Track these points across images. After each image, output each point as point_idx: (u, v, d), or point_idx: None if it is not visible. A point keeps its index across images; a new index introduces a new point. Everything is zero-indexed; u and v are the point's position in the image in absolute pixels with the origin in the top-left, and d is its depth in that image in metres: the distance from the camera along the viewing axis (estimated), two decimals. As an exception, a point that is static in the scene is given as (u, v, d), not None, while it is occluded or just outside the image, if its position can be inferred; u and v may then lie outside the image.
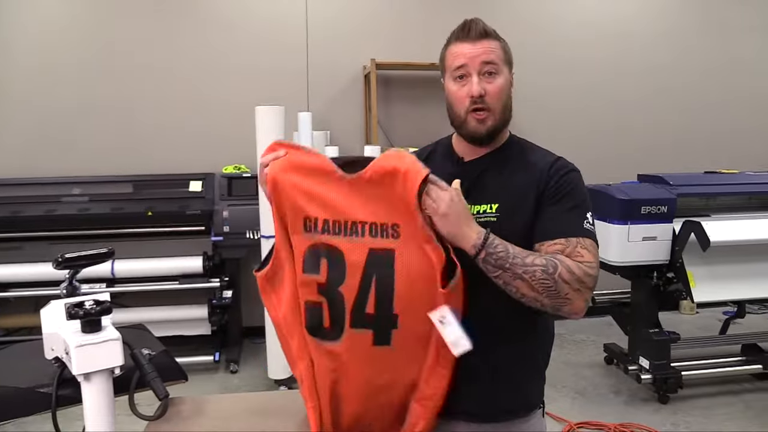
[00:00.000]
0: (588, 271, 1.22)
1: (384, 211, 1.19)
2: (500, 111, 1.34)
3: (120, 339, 1.12)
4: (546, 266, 1.19)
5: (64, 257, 1.23)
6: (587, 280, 1.21)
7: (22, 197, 3.99)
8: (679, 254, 3.46)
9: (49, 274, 3.92)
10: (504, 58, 1.35)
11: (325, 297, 1.22)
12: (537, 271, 1.18)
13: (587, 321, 4.92)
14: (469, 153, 1.41)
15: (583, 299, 1.22)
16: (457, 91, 1.34)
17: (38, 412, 1.27)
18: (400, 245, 1.18)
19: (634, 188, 3.64)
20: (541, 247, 1.27)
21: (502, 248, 1.19)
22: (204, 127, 4.54)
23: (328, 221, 1.20)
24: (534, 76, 4.95)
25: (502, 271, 1.19)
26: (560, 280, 1.18)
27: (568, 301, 1.20)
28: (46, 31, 4.33)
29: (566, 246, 1.25)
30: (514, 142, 1.44)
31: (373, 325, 1.20)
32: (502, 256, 1.18)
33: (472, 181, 1.36)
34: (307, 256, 1.22)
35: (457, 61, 1.33)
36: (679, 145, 5.32)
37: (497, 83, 1.33)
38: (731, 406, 3.56)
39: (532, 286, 1.18)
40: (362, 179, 1.19)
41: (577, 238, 1.26)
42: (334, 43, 4.68)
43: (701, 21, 5.34)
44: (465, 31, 1.33)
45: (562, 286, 1.19)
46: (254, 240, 3.94)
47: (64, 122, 4.37)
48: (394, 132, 4.79)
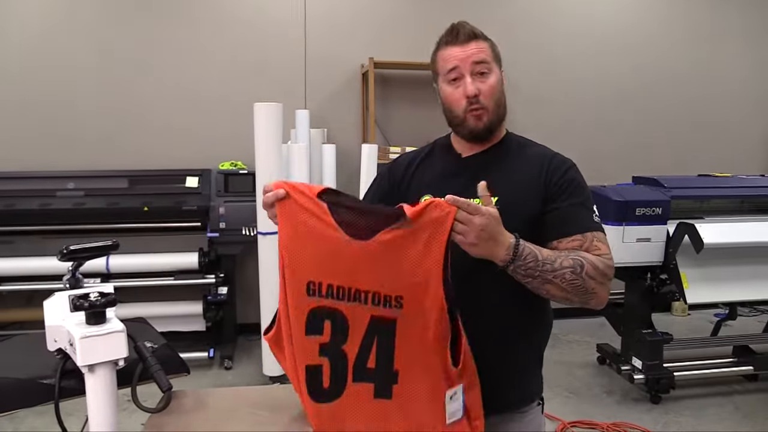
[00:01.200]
0: (608, 263, 1.28)
1: (389, 280, 1.15)
2: (494, 107, 1.38)
3: (125, 331, 1.12)
4: (574, 267, 1.23)
5: (69, 249, 1.23)
6: (609, 272, 1.28)
7: (16, 191, 3.98)
8: (672, 256, 3.49)
9: (43, 269, 3.92)
10: (493, 56, 1.39)
11: (327, 356, 1.20)
12: (566, 273, 1.22)
13: (580, 321, 4.94)
14: (467, 150, 1.45)
15: (607, 290, 1.29)
16: (452, 93, 1.38)
17: (40, 403, 1.27)
18: (401, 316, 1.15)
19: (629, 190, 3.67)
20: (559, 245, 1.31)
21: (531, 258, 1.20)
22: (201, 124, 4.53)
23: (332, 286, 1.17)
24: (529, 77, 4.99)
25: (531, 279, 1.22)
26: (587, 277, 1.23)
27: (595, 295, 1.26)
28: (44, 25, 4.31)
29: (583, 241, 1.30)
30: (512, 139, 1.49)
31: (373, 379, 1.19)
32: (532, 266, 1.20)
33: (471, 176, 1.38)
34: (310, 318, 1.20)
35: (449, 64, 1.37)
36: (674, 148, 5.36)
37: (490, 82, 1.37)
38: (722, 407, 3.59)
39: (562, 288, 1.23)
40: (375, 242, 1.14)
41: (592, 232, 1.31)
42: (333, 42, 4.69)
43: (699, 24, 5.38)
44: (453, 35, 1.38)
45: (590, 282, 1.24)
46: (250, 237, 3.94)
47: (60, 116, 4.36)
48: (392, 131, 4.80)
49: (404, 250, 1.13)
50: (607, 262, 1.28)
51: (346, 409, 1.21)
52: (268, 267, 3.55)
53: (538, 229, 1.34)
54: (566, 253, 1.26)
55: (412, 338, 1.16)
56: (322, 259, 1.17)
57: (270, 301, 3.56)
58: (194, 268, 4.12)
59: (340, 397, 1.21)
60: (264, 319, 3.59)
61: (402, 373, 1.18)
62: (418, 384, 1.18)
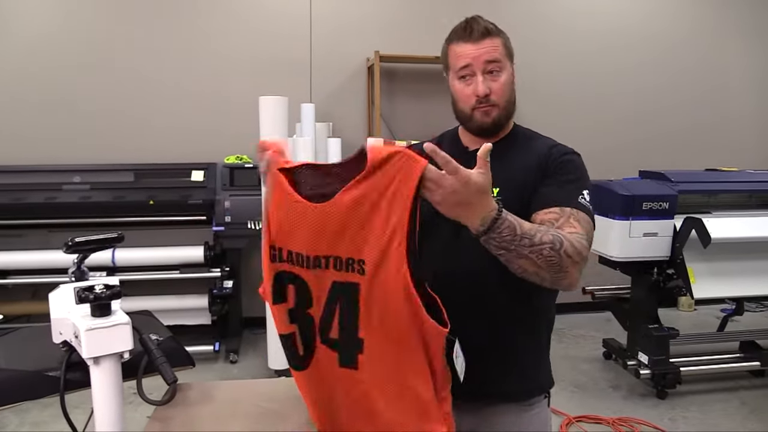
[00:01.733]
0: (584, 243, 1.22)
1: (350, 243, 1.08)
2: (505, 105, 1.39)
3: (130, 323, 1.12)
4: (553, 243, 1.16)
5: (74, 241, 1.23)
6: (585, 252, 1.21)
7: (22, 184, 3.99)
8: (679, 250, 3.47)
9: (48, 262, 3.93)
10: (506, 53, 1.39)
11: (296, 323, 1.18)
12: (544, 249, 1.15)
13: (586, 316, 4.94)
14: (475, 143, 1.45)
15: (579, 271, 1.21)
16: (462, 90, 1.38)
17: (45, 395, 1.27)
18: (364, 281, 1.08)
19: (635, 184, 3.65)
20: (536, 216, 1.27)
21: (508, 232, 1.13)
22: (206, 117, 4.53)
23: (291, 252, 1.15)
24: (537, 71, 4.96)
25: (505, 252, 1.15)
26: (564, 255, 1.16)
27: (567, 275, 1.18)
28: (50, 19, 4.31)
29: (560, 216, 1.26)
30: (519, 132, 1.48)
31: (338, 346, 1.15)
32: (508, 239, 1.13)
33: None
34: (275, 283, 1.18)
35: (461, 61, 1.36)
36: (681, 142, 5.33)
37: (501, 80, 1.37)
38: (728, 402, 3.58)
39: (536, 264, 1.16)
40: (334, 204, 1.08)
41: (571, 209, 1.27)
42: (338, 35, 4.67)
43: (707, 19, 5.33)
44: (467, 32, 1.36)
45: (566, 260, 1.17)
46: (255, 230, 3.95)
47: (66, 111, 4.36)
48: (397, 125, 4.79)
49: (364, 208, 1.06)
50: (583, 242, 1.21)
51: (319, 374, 1.19)
52: (273, 261, 3.55)
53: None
54: (545, 228, 1.20)
55: (376, 305, 1.09)
56: (283, 226, 1.15)
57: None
58: (200, 262, 4.12)
59: (311, 362, 1.19)
60: (269, 313, 3.59)
61: (367, 341, 1.12)
62: (384, 356, 1.11)
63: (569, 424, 3.28)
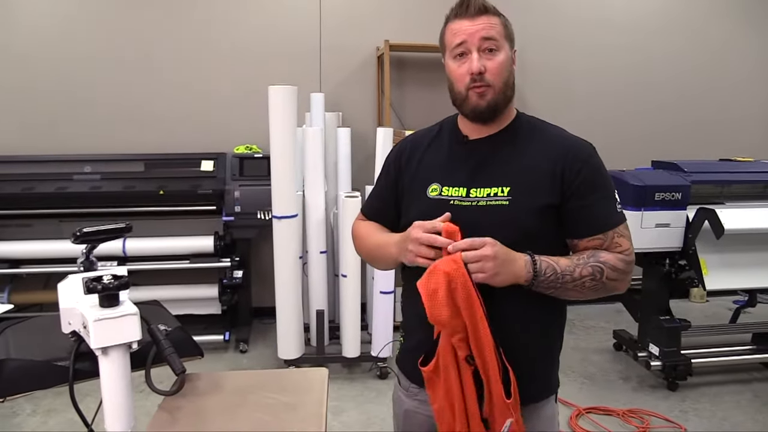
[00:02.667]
0: (627, 259, 1.31)
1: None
2: (501, 87, 1.32)
3: (138, 314, 1.12)
4: (593, 274, 1.26)
5: (83, 231, 1.22)
6: (629, 267, 1.31)
7: (33, 174, 4.00)
8: (692, 241, 3.44)
9: (60, 251, 3.96)
10: (504, 33, 1.33)
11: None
12: (586, 281, 1.26)
13: (597, 307, 4.91)
14: (474, 132, 1.39)
15: (628, 280, 1.33)
16: (457, 69, 1.32)
17: (55, 385, 1.27)
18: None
19: (648, 174, 3.61)
20: (580, 243, 1.32)
21: (551, 272, 1.23)
22: (216, 107, 4.52)
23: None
24: (549, 60, 4.92)
25: (554, 290, 1.26)
26: (607, 280, 1.27)
27: (615, 290, 1.31)
28: (62, 9, 4.31)
29: (604, 240, 1.31)
30: (523, 121, 1.42)
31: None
32: (552, 279, 1.23)
33: (479, 160, 1.35)
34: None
35: (457, 38, 1.31)
36: (695, 132, 5.27)
37: (497, 59, 1.30)
38: (740, 394, 3.56)
39: (584, 293, 1.27)
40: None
41: (613, 229, 1.31)
42: (348, 24, 4.64)
43: (720, 7, 5.25)
44: (463, 8, 1.32)
45: (610, 284, 1.28)
46: (265, 220, 3.95)
47: (77, 100, 4.37)
48: (407, 114, 4.76)
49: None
50: (626, 258, 1.30)
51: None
52: (282, 251, 3.55)
53: (553, 219, 1.31)
54: (584, 260, 1.27)
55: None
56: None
57: (284, 284, 3.56)
58: (209, 252, 4.13)
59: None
60: (279, 303, 3.60)
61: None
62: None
63: (579, 416, 3.27)
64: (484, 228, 1.24)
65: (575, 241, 1.32)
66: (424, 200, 1.37)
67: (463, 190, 1.33)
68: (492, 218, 1.28)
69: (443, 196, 1.35)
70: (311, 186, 3.78)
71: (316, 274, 3.86)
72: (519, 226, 1.27)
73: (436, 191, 1.36)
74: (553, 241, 1.33)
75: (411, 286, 1.38)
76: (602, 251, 1.29)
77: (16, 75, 4.30)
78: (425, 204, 1.36)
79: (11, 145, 4.24)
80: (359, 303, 3.71)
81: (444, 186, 1.36)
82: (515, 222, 1.27)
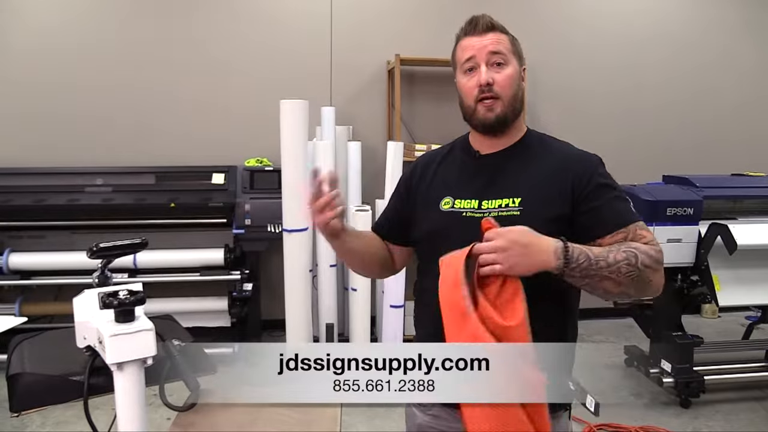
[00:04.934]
0: (657, 248, 1.26)
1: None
2: (509, 99, 1.35)
3: (153, 329, 1.12)
4: (628, 258, 1.20)
5: (99, 246, 1.23)
6: (660, 257, 1.25)
7: (45, 186, 4.03)
8: (704, 257, 3.41)
9: (71, 263, 3.97)
10: (512, 49, 1.37)
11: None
12: (622, 267, 1.20)
13: (606, 322, 4.88)
14: (486, 147, 1.42)
15: (662, 276, 1.27)
16: (466, 83, 1.37)
17: (69, 400, 1.28)
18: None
19: (659, 189, 3.59)
20: (603, 242, 1.29)
21: (584, 258, 1.19)
22: (227, 121, 4.55)
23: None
24: (560, 76, 4.93)
25: (589, 279, 1.20)
26: (643, 267, 1.21)
27: (651, 283, 1.24)
28: (73, 24, 4.37)
29: (627, 234, 1.28)
30: (533, 136, 1.45)
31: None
32: (586, 266, 1.19)
33: (490, 174, 1.38)
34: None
35: (466, 53, 1.36)
36: (706, 147, 5.24)
37: (506, 72, 1.34)
38: (754, 412, 3.51)
39: (619, 282, 1.21)
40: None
41: (634, 223, 1.30)
42: (359, 38, 4.67)
43: (735, 23, 5.25)
44: (472, 26, 1.37)
45: (646, 272, 1.22)
46: (276, 234, 3.95)
47: (89, 113, 4.40)
48: (417, 128, 4.77)
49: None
50: (656, 248, 1.26)
51: None
52: (292, 264, 3.55)
53: (565, 230, 1.30)
54: (617, 246, 1.24)
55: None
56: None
57: (294, 297, 3.55)
58: (220, 264, 4.14)
59: None
60: (288, 316, 3.59)
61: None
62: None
63: (590, 432, 3.23)
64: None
65: (598, 240, 1.29)
66: (437, 213, 1.40)
67: (475, 202, 1.36)
68: None
69: (455, 209, 1.38)
70: (321, 199, 3.79)
71: (325, 287, 3.86)
72: None
73: (448, 204, 1.39)
74: None
75: (423, 300, 1.38)
76: (631, 242, 1.26)
77: (28, 89, 4.35)
78: (438, 216, 1.39)
79: (24, 158, 4.27)
80: (369, 317, 3.70)
81: (456, 199, 1.39)
82: None
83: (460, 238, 1.28)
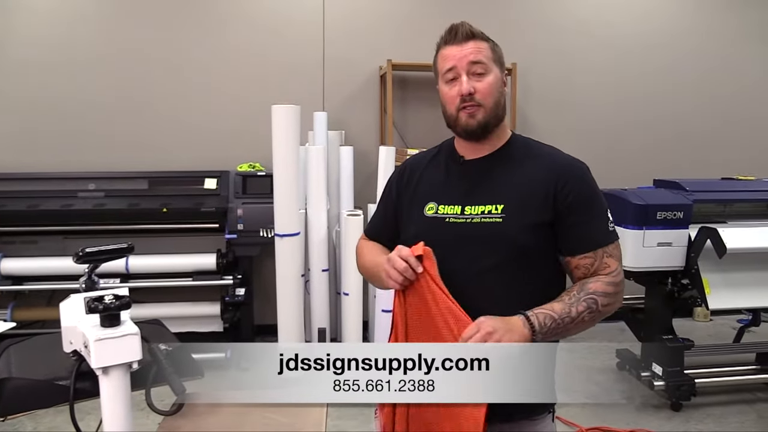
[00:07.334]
0: (616, 280, 1.34)
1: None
2: (491, 107, 1.37)
3: (139, 334, 1.12)
4: (589, 307, 1.30)
5: (85, 251, 1.24)
6: (619, 288, 1.34)
7: (38, 192, 4.03)
8: (694, 260, 3.42)
9: (64, 268, 3.97)
10: (493, 57, 1.38)
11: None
12: (585, 316, 1.29)
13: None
14: (470, 152, 1.44)
15: (620, 301, 1.37)
16: (448, 92, 1.38)
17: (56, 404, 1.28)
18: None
19: (650, 193, 3.61)
20: (572, 260, 1.35)
21: (549, 320, 1.26)
22: (219, 125, 4.55)
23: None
24: (551, 80, 4.94)
25: (558, 335, 1.30)
26: (603, 308, 1.32)
27: (611, 312, 1.36)
28: (67, 27, 4.37)
29: (594, 259, 1.34)
30: (518, 141, 1.46)
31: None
32: (553, 327, 1.26)
33: (474, 179, 1.40)
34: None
35: (447, 63, 1.37)
36: (696, 151, 5.27)
37: (487, 81, 1.36)
38: (744, 414, 3.52)
39: (585, 326, 1.32)
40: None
41: (603, 248, 1.35)
42: (351, 43, 4.69)
43: (723, 23, 5.28)
44: (452, 35, 1.38)
45: (605, 308, 1.32)
46: (268, 238, 3.95)
47: (81, 118, 4.40)
48: (409, 133, 4.79)
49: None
50: (615, 280, 1.33)
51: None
52: (284, 268, 3.55)
53: (547, 237, 1.34)
54: (576, 296, 1.30)
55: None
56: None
57: (286, 302, 3.56)
58: (212, 269, 4.14)
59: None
60: (281, 320, 3.59)
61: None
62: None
63: (582, 436, 3.24)
64: (478, 244, 1.31)
65: (567, 258, 1.36)
66: (421, 218, 1.42)
67: (458, 208, 1.37)
68: (486, 235, 1.33)
69: (439, 215, 1.39)
70: (314, 204, 3.80)
71: (318, 292, 3.86)
72: (512, 243, 1.31)
73: (432, 209, 1.41)
74: (546, 258, 1.37)
75: None
76: (590, 281, 1.32)
77: (20, 93, 4.35)
78: (422, 222, 1.41)
79: (17, 163, 4.27)
80: (361, 321, 3.71)
81: (440, 204, 1.40)
82: (509, 239, 1.31)
83: (444, 243, 1.30)
